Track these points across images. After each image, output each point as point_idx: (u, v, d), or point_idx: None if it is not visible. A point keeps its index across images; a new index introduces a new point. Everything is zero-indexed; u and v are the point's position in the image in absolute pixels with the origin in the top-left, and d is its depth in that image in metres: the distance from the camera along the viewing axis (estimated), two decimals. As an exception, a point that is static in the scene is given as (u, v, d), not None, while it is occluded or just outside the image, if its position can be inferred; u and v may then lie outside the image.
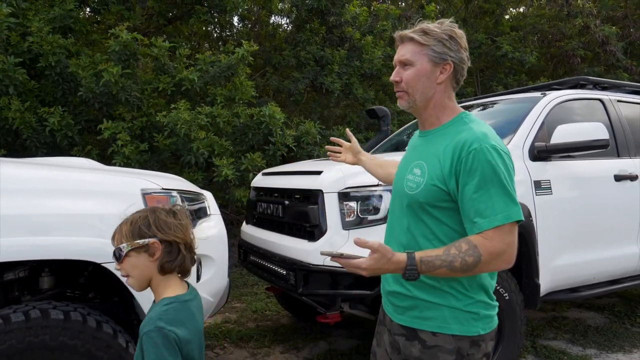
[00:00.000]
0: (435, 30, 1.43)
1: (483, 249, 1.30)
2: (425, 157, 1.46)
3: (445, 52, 1.43)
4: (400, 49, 1.49)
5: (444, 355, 1.40)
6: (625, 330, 4.08)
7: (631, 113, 4.00)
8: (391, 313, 1.55)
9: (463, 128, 1.42)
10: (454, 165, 1.36)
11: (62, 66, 5.30)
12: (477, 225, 1.32)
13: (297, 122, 6.71)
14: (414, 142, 1.62)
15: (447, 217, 1.41)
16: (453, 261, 1.30)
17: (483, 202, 1.31)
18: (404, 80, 1.47)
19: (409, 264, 1.30)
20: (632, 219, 3.64)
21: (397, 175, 1.60)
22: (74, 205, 2.07)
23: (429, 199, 1.40)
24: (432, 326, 1.42)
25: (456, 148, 1.37)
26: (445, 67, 1.45)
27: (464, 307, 1.41)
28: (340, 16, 7.70)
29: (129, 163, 5.03)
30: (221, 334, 3.95)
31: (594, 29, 10.15)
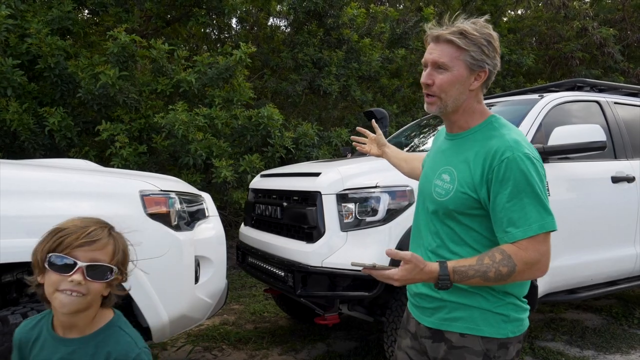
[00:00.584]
0: (474, 33, 1.35)
1: (517, 259, 1.28)
2: (454, 163, 1.42)
3: (483, 59, 1.37)
4: (435, 49, 1.39)
5: (471, 356, 1.38)
6: (623, 332, 4.09)
7: (628, 115, 4.02)
8: (418, 316, 1.52)
9: (493, 134, 1.38)
10: (485, 174, 1.33)
11: (60, 68, 5.29)
12: (510, 235, 1.30)
13: (295, 124, 6.72)
14: (441, 144, 1.56)
15: (476, 223, 1.38)
16: (487, 271, 1.28)
17: (516, 212, 1.29)
18: (436, 85, 1.39)
19: (442, 273, 1.28)
20: (629, 221, 3.65)
21: (423, 178, 1.57)
22: (72, 207, 2.07)
23: (459, 207, 1.37)
24: (460, 327, 1.40)
25: (487, 155, 1.33)
26: (480, 74, 1.39)
27: (493, 308, 1.38)
28: (338, 18, 7.71)
29: (127, 165, 5.03)
30: (219, 336, 3.94)
31: (591, 31, 10.19)
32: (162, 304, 2.21)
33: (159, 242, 2.22)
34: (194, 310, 2.42)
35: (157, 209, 2.26)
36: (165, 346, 3.73)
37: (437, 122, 4.45)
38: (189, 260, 2.36)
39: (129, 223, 2.13)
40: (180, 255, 2.29)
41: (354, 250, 2.75)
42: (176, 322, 2.31)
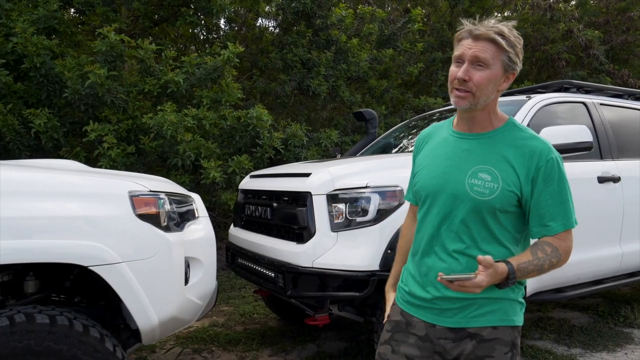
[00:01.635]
0: (510, 36, 1.40)
1: (561, 250, 1.44)
2: (492, 163, 1.45)
3: (516, 61, 1.43)
4: (475, 45, 1.40)
5: (501, 347, 1.46)
6: (609, 330, 4.14)
7: (613, 116, 4.08)
8: (433, 318, 1.52)
9: (524, 135, 1.47)
10: (531, 173, 1.42)
11: (47, 67, 5.23)
12: (550, 229, 1.44)
13: (284, 124, 6.71)
14: (456, 143, 1.53)
15: (509, 221, 1.46)
16: (543, 264, 1.41)
17: (557, 208, 1.43)
18: (474, 81, 1.40)
19: (511, 273, 1.36)
20: (614, 220, 3.70)
21: (438, 178, 1.51)
22: (59, 208, 2.04)
23: (504, 205, 1.43)
24: (492, 320, 1.46)
25: (533, 156, 1.42)
26: (509, 77, 1.45)
27: (518, 297, 1.50)
28: (327, 19, 7.72)
29: (115, 166, 4.98)
30: (209, 338, 3.92)
31: (577, 33, 10.32)
32: (151, 306, 2.18)
33: (148, 243, 2.20)
34: (184, 312, 2.40)
35: (147, 209, 2.24)
36: (154, 348, 3.70)
37: (425, 123, 4.48)
38: (178, 261, 2.34)
39: (118, 224, 2.14)
40: (170, 257, 2.27)
41: (345, 251, 2.75)
42: (166, 324, 2.28)
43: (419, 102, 8.84)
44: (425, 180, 1.55)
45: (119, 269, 2.08)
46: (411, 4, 11.19)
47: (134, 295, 2.12)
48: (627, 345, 3.80)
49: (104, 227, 2.09)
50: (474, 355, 1.46)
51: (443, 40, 10.74)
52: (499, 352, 1.45)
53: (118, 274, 2.08)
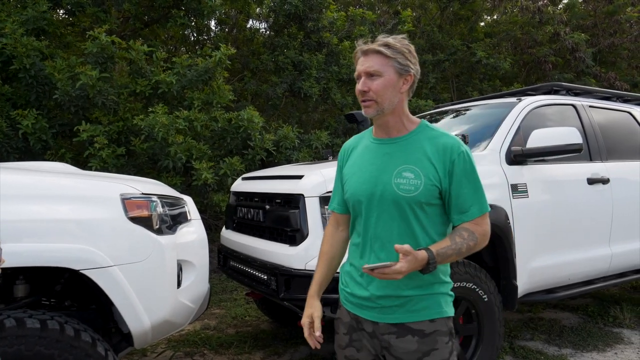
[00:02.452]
0: (396, 44, 1.56)
1: (477, 233, 1.57)
2: (413, 162, 1.58)
3: (408, 64, 1.57)
4: (365, 61, 1.58)
5: (442, 338, 1.59)
6: (599, 330, 4.18)
7: (602, 118, 4.12)
8: (375, 316, 1.62)
9: (436, 133, 1.62)
10: (447, 166, 1.56)
11: (36, 69, 5.18)
12: (468, 214, 1.57)
13: (276, 126, 6.70)
14: (377, 148, 1.66)
15: (435, 213, 1.60)
16: (461, 248, 1.53)
17: (471, 195, 1.57)
18: (372, 90, 1.57)
19: (430, 258, 1.47)
20: (604, 222, 3.73)
21: (366, 183, 1.62)
22: (50, 211, 2.02)
23: (428, 198, 1.56)
24: (429, 314, 1.59)
25: (446, 150, 1.56)
26: (407, 78, 1.59)
27: (448, 292, 1.64)
28: (318, 21, 7.73)
29: (106, 167, 4.94)
30: (200, 341, 3.90)
31: (563, 36, 10.43)
32: (143, 309, 2.17)
33: (140, 246, 2.19)
34: (176, 315, 2.38)
35: (139, 212, 2.22)
36: (145, 352, 3.67)
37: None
38: (171, 264, 2.32)
39: (110, 227, 2.12)
40: (162, 260, 2.26)
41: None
42: (158, 327, 2.27)
43: (410, 104, 8.81)
44: (355, 186, 1.66)
45: (111, 273, 2.07)
46: (401, 7, 11.24)
47: (125, 298, 2.11)
48: (617, 345, 3.84)
49: (95, 230, 2.08)
50: (420, 352, 1.57)
51: (433, 42, 10.80)
52: (441, 343, 1.58)
53: (110, 278, 2.06)
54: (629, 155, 4.10)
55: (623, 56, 12.04)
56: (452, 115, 4.25)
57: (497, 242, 3.07)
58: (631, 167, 4.01)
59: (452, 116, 4.23)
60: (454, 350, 1.62)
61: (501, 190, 3.12)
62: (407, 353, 1.57)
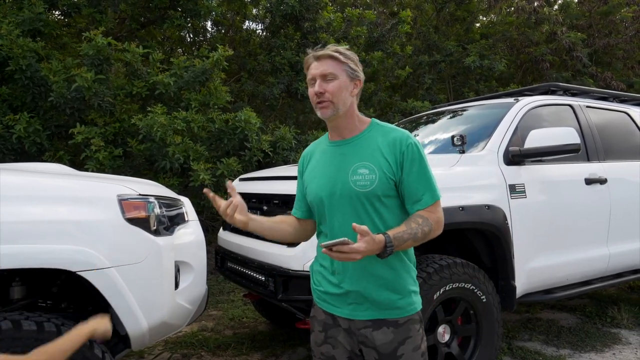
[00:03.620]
0: (346, 52, 1.69)
1: (432, 220, 1.64)
2: (367, 158, 1.66)
3: (357, 70, 1.70)
4: (320, 65, 1.66)
5: (414, 325, 1.69)
6: (597, 330, 4.18)
7: (599, 118, 4.12)
8: (349, 313, 1.69)
9: (386, 129, 1.71)
10: (397, 158, 1.64)
11: (32, 70, 5.15)
12: (422, 203, 1.64)
13: (273, 127, 6.69)
14: (333, 151, 1.74)
15: (394, 205, 1.68)
16: (416, 233, 1.59)
17: (423, 184, 1.65)
18: (328, 91, 1.64)
19: (388, 241, 1.52)
20: (601, 222, 3.74)
21: (326, 184, 1.69)
22: (46, 212, 2.01)
23: (385, 190, 1.64)
24: (402, 313, 1.67)
25: (395, 143, 1.65)
26: (356, 83, 1.71)
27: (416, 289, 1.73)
28: (315, 22, 7.72)
29: (102, 169, 4.92)
30: (198, 343, 3.88)
31: (560, 36, 10.45)
32: (141, 311, 2.15)
33: (137, 248, 2.17)
34: (174, 317, 2.37)
35: (136, 213, 2.21)
36: (142, 354, 3.65)
37: (413, 126, 4.49)
38: (168, 265, 2.31)
39: (107, 228, 2.10)
40: (159, 261, 2.25)
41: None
42: (156, 329, 2.26)
43: (407, 105, 8.88)
44: (316, 188, 1.74)
45: (108, 274, 2.05)
46: (398, 7, 11.25)
47: (123, 300, 2.09)
48: (615, 346, 3.84)
49: (92, 231, 2.06)
50: (396, 341, 1.65)
51: (429, 43, 10.81)
52: (413, 331, 1.68)
53: (107, 279, 2.05)
54: (627, 156, 4.11)
55: (618, 56, 12.08)
56: (449, 116, 4.25)
57: (495, 242, 3.07)
58: (629, 167, 4.02)
59: (450, 117, 4.23)
60: (423, 336, 1.73)
61: (499, 190, 3.12)
62: (384, 344, 1.65)
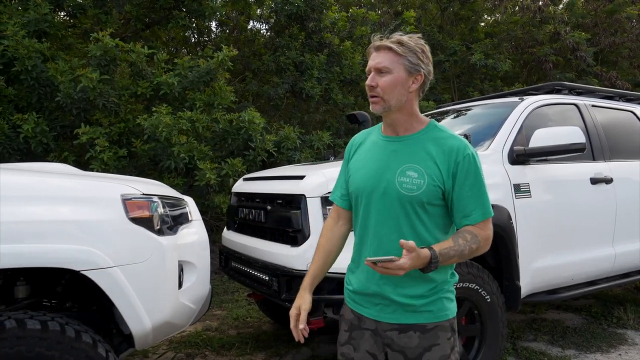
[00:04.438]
0: (409, 42, 1.56)
1: (480, 237, 1.55)
2: (417, 161, 1.57)
3: (419, 63, 1.56)
4: (376, 57, 1.58)
5: (443, 333, 1.59)
6: (603, 331, 4.16)
7: (605, 118, 4.10)
8: (376, 315, 1.63)
9: (444, 134, 1.60)
10: (451, 168, 1.55)
11: (37, 71, 5.18)
12: (472, 218, 1.56)
13: (277, 127, 6.70)
14: (385, 145, 1.66)
15: (437, 214, 1.59)
16: (463, 250, 1.52)
17: (475, 199, 1.56)
18: (380, 86, 1.56)
19: (433, 257, 1.46)
20: (607, 221, 3.71)
21: (371, 178, 1.63)
22: (51, 212, 2.01)
23: (430, 198, 1.55)
24: (431, 318, 1.59)
25: (451, 152, 1.55)
26: (417, 78, 1.58)
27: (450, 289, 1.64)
28: (320, 22, 7.72)
29: (107, 169, 4.94)
30: (202, 342, 3.89)
31: (564, 35, 10.40)
32: (144, 310, 2.16)
33: (141, 247, 2.18)
34: (177, 317, 2.37)
35: (140, 213, 2.21)
36: (146, 353, 3.66)
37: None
38: (172, 265, 2.31)
39: (111, 228, 2.11)
40: (163, 260, 2.25)
41: (339, 253, 2.73)
42: (159, 328, 2.26)
43: (412, 105, 8.84)
44: (360, 181, 1.66)
45: (112, 274, 2.06)
46: (402, 7, 11.23)
47: (126, 299, 2.10)
48: (621, 346, 3.81)
49: (96, 231, 2.07)
50: (422, 347, 1.58)
51: (434, 43, 10.79)
52: (442, 338, 1.59)
53: (110, 279, 2.05)
54: (633, 155, 4.08)
55: (624, 55, 12.01)
56: (454, 115, 4.24)
57: (500, 242, 3.05)
58: (635, 166, 4.00)
59: (454, 116, 4.22)
60: (455, 347, 1.62)
61: (504, 190, 3.11)
62: (409, 348, 1.58)
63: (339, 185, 1.83)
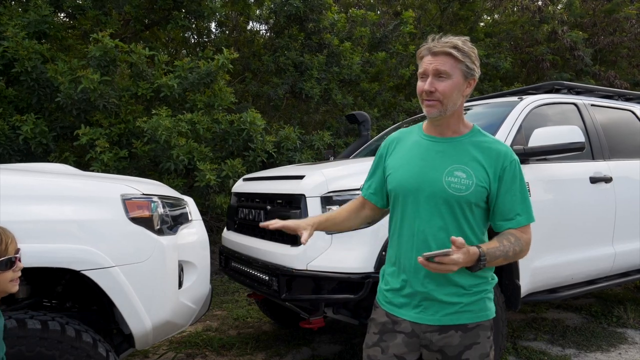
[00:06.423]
0: (464, 47, 1.58)
1: (523, 240, 1.60)
2: (465, 162, 1.60)
3: (474, 68, 1.60)
4: (435, 60, 1.57)
5: (484, 332, 1.63)
6: (603, 330, 4.16)
7: (604, 117, 4.10)
8: (416, 317, 1.63)
9: (490, 139, 1.65)
10: (497, 172, 1.59)
11: (37, 72, 5.18)
12: (515, 222, 1.60)
13: (277, 127, 6.70)
14: (430, 146, 1.66)
15: (480, 215, 1.63)
16: (508, 251, 1.56)
17: (520, 204, 1.60)
18: (439, 91, 1.57)
19: (482, 255, 1.49)
20: (607, 221, 3.72)
21: (416, 177, 1.63)
22: (51, 212, 2.02)
23: (477, 199, 1.59)
24: (472, 318, 1.62)
25: (499, 157, 1.60)
26: (470, 82, 1.61)
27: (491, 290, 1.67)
28: (319, 22, 7.73)
29: (107, 170, 4.94)
30: (202, 343, 3.89)
31: (561, 35, 10.40)
32: (145, 310, 2.16)
33: (141, 247, 2.18)
34: (177, 316, 2.37)
35: (140, 213, 2.22)
36: (147, 353, 3.67)
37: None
38: (172, 265, 2.32)
39: (111, 227, 2.11)
40: (163, 260, 2.25)
41: (339, 253, 2.74)
42: (159, 328, 2.26)
43: (411, 104, 8.88)
44: (402, 179, 1.67)
45: (112, 273, 2.06)
46: (401, 7, 11.23)
47: (127, 299, 2.10)
48: (621, 345, 3.82)
49: (96, 230, 2.07)
50: (462, 345, 1.60)
51: (434, 43, 10.76)
52: (483, 337, 1.62)
53: (111, 278, 2.06)
54: (632, 154, 4.09)
55: (623, 55, 12.00)
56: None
57: (500, 241, 3.05)
58: (634, 165, 4.00)
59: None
60: (493, 345, 1.67)
61: (503, 189, 3.11)
62: (450, 347, 1.60)
63: (371, 180, 1.84)
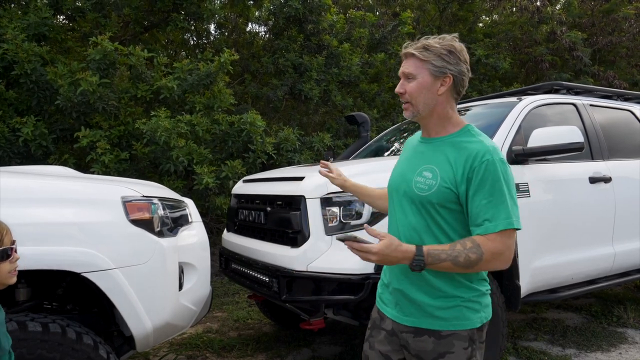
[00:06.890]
0: (435, 46, 1.55)
1: (485, 249, 1.45)
2: (436, 162, 1.58)
3: (445, 65, 1.55)
4: (405, 63, 1.61)
5: (459, 342, 1.54)
6: (603, 330, 4.17)
7: (603, 117, 4.11)
8: (395, 315, 1.65)
9: (472, 139, 1.56)
10: (466, 172, 1.50)
11: (37, 74, 5.19)
12: (483, 228, 1.47)
13: (277, 129, 6.71)
14: (417, 147, 1.72)
15: (452, 218, 1.55)
16: (458, 256, 1.44)
17: (491, 209, 1.46)
18: (407, 92, 1.59)
19: (417, 254, 1.43)
20: (606, 220, 3.72)
21: (398, 177, 1.70)
22: (51, 214, 2.02)
23: (441, 200, 1.53)
24: (446, 326, 1.55)
25: (469, 156, 1.51)
26: (445, 80, 1.57)
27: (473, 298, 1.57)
28: (318, 24, 7.74)
29: (108, 171, 4.95)
30: (203, 344, 3.89)
31: (560, 35, 10.41)
32: (145, 312, 2.16)
33: (141, 249, 2.19)
34: (178, 318, 2.38)
35: (140, 215, 2.22)
36: (147, 355, 3.67)
37: (416, 127, 4.49)
38: (172, 266, 2.32)
39: (111, 230, 2.12)
40: (163, 262, 2.26)
41: (339, 254, 2.74)
42: (160, 330, 2.27)
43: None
44: (391, 179, 1.76)
45: (112, 275, 2.06)
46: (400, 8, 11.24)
47: (127, 301, 2.10)
48: (621, 345, 3.82)
49: (96, 233, 2.08)
50: (436, 352, 1.55)
51: (433, 44, 10.77)
52: (457, 347, 1.54)
53: (111, 280, 2.06)
54: (631, 154, 4.09)
55: (622, 55, 12.01)
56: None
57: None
58: (633, 165, 4.01)
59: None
60: (473, 357, 1.56)
61: (503, 189, 3.11)
62: (424, 352, 1.57)
63: None
